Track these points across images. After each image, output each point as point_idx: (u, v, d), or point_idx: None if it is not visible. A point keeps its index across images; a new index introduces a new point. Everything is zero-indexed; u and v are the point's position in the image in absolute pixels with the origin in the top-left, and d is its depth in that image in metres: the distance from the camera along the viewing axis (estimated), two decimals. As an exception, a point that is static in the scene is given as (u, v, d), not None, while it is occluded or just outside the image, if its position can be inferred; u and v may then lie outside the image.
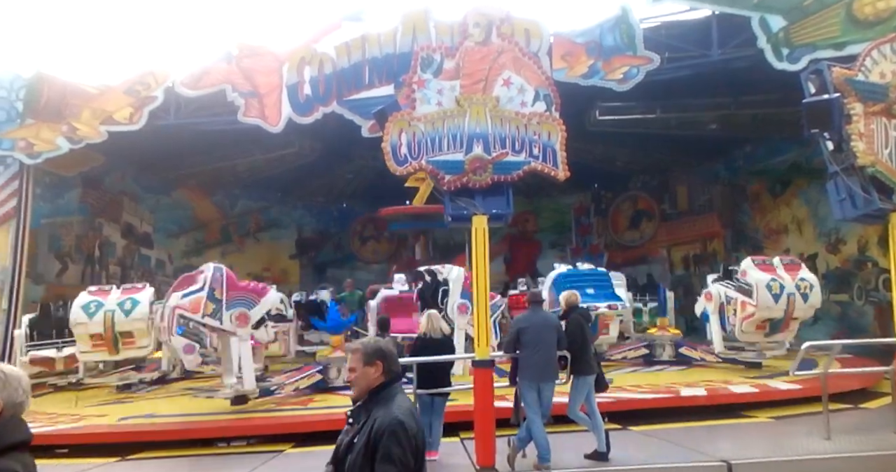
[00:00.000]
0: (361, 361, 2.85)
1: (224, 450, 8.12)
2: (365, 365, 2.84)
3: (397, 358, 2.99)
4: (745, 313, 11.01)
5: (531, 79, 7.18)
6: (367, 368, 2.84)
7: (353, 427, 2.82)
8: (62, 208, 15.53)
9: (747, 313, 10.97)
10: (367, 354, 2.86)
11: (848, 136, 7.17)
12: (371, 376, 2.83)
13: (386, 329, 7.72)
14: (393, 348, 2.99)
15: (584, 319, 7.15)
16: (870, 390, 9.90)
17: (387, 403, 2.77)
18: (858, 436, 7.29)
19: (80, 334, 10.64)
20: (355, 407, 2.89)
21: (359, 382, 2.86)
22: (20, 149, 13.47)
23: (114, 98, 13.55)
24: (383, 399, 2.80)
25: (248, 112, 13.05)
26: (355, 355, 2.89)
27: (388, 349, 2.93)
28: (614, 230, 23.16)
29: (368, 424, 2.71)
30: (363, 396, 2.85)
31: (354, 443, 2.73)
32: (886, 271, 12.68)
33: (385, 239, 25.16)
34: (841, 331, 14.06)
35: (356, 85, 12.85)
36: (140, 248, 18.68)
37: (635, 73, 12.02)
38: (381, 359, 2.86)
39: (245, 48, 13.31)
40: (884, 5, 10.75)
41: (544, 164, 7.03)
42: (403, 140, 6.88)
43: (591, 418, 6.75)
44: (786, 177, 16.49)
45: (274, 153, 17.55)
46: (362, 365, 2.85)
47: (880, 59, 7.51)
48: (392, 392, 2.84)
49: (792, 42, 11.32)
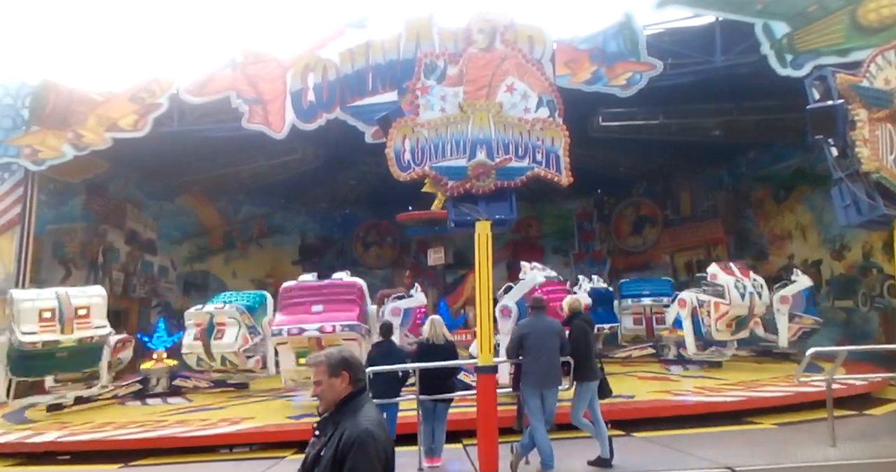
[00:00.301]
0: (326, 373, 2.78)
1: (226, 457, 8.11)
2: (331, 377, 2.78)
3: (363, 367, 2.95)
4: (719, 312, 12.04)
5: (534, 85, 7.19)
6: (333, 379, 2.78)
7: (320, 440, 2.76)
8: (66, 215, 15.58)
9: (721, 312, 12.02)
10: (332, 365, 2.80)
11: (852, 142, 7.17)
12: (338, 387, 2.78)
13: (389, 335, 7.69)
14: (358, 358, 2.93)
15: (587, 324, 7.13)
16: (875, 396, 9.85)
17: (354, 414, 2.72)
18: (863, 443, 7.24)
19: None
20: (322, 419, 2.83)
21: (325, 394, 2.79)
22: (25, 156, 13.55)
23: (119, 105, 13.63)
24: (351, 410, 2.74)
25: (252, 119, 13.11)
26: (319, 367, 2.82)
27: (353, 359, 2.87)
28: (617, 236, 23.13)
29: (336, 436, 2.66)
30: (331, 408, 2.79)
31: (322, 456, 2.67)
32: (891, 277, 12.69)
33: (388, 245, 25.19)
34: (846, 337, 14.00)
35: (360, 91, 12.89)
36: (143, 254, 18.72)
37: (638, 79, 12.04)
38: (346, 369, 2.80)
39: (249, 55, 13.38)
40: (888, 12, 10.76)
41: (547, 169, 7.03)
42: (407, 146, 6.89)
43: (595, 424, 6.71)
44: (789, 183, 16.46)
45: (277, 159, 17.61)
46: (328, 377, 2.78)
47: (885, 65, 7.51)
48: (360, 403, 2.79)
49: (796, 48, 11.33)
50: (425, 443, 6.83)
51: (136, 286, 18.34)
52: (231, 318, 11.58)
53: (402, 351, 7.56)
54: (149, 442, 8.37)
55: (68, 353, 10.63)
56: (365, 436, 2.59)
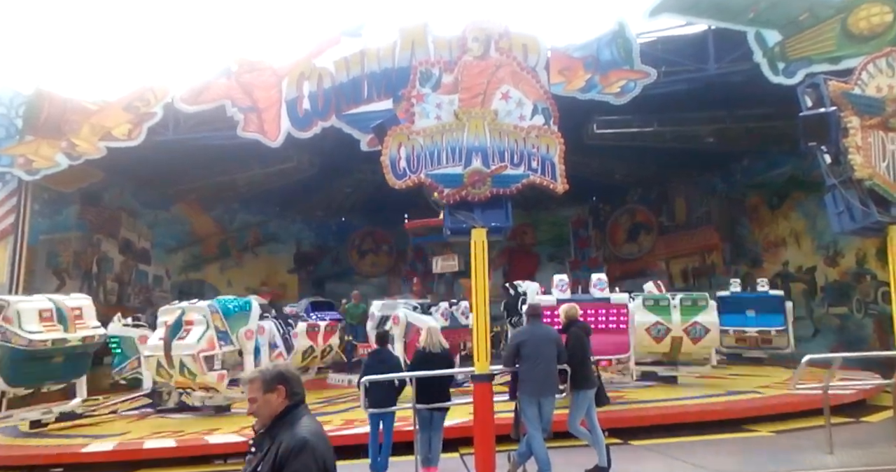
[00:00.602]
0: (261, 389, 2.73)
1: (221, 468, 8.04)
2: (266, 392, 2.73)
3: (300, 380, 2.89)
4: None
5: (529, 92, 7.22)
6: (269, 395, 2.73)
7: (257, 456, 2.68)
8: (60, 224, 15.50)
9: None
10: (267, 381, 2.75)
11: (845, 149, 7.22)
12: (274, 402, 2.73)
13: (385, 343, 7.66)
14: (295, 371, 2.89)
15: (583, 332, 7.12)
16: (870, 403, 9.86)
17: (292, 425, 2.67)
18: (861, 450, 7.24)
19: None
20: (258, 435, 2.77)
21: (261, 411, 2.74)
22: (19, 165, 13.49)
23: (113, 114, 13.60)
24: (288, 423, 2.69)
25: (247, 127, 13.10)
26: (254, 384, 2.76)
27: (289, 373, 2.83)
28: (612, 243, 23.17)
29: (273, 449, 2.59)
30: (267, 424, 2.73)
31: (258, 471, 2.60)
32: (885, 283, 12.69)
33: (384, 253, 25.16)
34: (840, 344, 14.02)
35: (355, 99, 12.91)
36: (138, 264, 18.62)
37: (632, 87, 12.10)
38: (282, 383, 2.75)
39: (244, 63, 13.39)
40: (878, 20, 10.86)
41: (543, 177, 7.05)
42: (402, 154, 6.89)
43: (592, 432, 6.69)
44: (783, 190, 16.53)
45: (273, 168, 17.58)
46: (262, 393, 2.73)
47: (876, 73, 7.57)
48: (297, 415, 2.74)
49: (788, 56, 11.42)
50: (422, 452, 6.80)
51: (131, 296, 18.23)
52: (201, 316, 10.20)
53: (397, 359, 7.53)
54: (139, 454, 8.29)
55: (65, 358, 10.28)
56: (303, 444, 2.55)
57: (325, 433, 2.77)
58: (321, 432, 2.74)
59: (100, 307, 16.72)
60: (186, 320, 10.21)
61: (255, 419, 2.80)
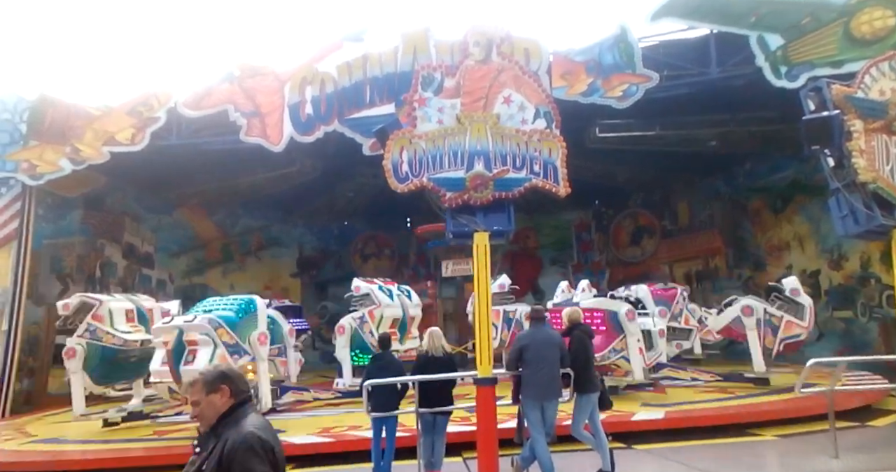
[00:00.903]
0: (204, 391, 2.66)
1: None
2: (209, 394, 2.66)
3: (245, 379, 2.83)
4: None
5: (531, 96, 7.22)
6: (212, 396, 2.66)
7: (201, 456, 2.60)
8: (64, 229, 15.55)
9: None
10: (209, 382, 2.67)
11: (849, 152, 7.21)
12: (218, 403, 2.65)
13: (387, 347, 7.65)
14: (237, 370, 2.83)
15: (586, 336, 7.10)
16: (875, 407, 9.81)
17: (238, 422, 2.60)
18: (866, 454, 7.19)
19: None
20: (202, 435, 2.69)
21: (206, 413, 2.66)
22: (23, 170, 13.56)
23: (116, 119, 13.66)
24: (233, 421, 2.62)
25: (249, 132, 13.15)
26: (195, 387, 2.69)
27: (232, 372, 2.77)
28: (615, 247, 23.15)
29: (218, 447, 2.52)
30: (212, 425, 2.65)
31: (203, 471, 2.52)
32: (890, 287, 12.68)
33: (386, 257, 25.16)
34: (845, 348, 13.96)
35: (357, 104, 12.95)
36: (141, 268, 18.66)
37: (634, 90, 12.12)
38: (225, 383, 2.68)
39: (247, 68, 13.44)
40: (881, 24, 10.86)
41: (545, 180, 7.04)
42: (404, 158, 6.90)
43: (596, 436, 6.66)
44: (787, 193, 16.51)
45: (275, 172, 17.62)
46: (206, 394, 2.66)
47: (879, 76, 7.57)
48: (243, 412, 2.66)
49: (790, 60, 11.43)
50: (425, 456, 6.78)
51: (134, 300, 18.27)
52: (203, 335, 9.07)
53: (400, 364, 7.52)
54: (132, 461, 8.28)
55: (139, 358, 10.27)
56: (251, 439, 2.48)
57: (272, 428, 2.70)
58: (268, 426, 2.68)
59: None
60: (188, 339, 9.08)
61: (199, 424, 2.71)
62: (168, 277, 19.76)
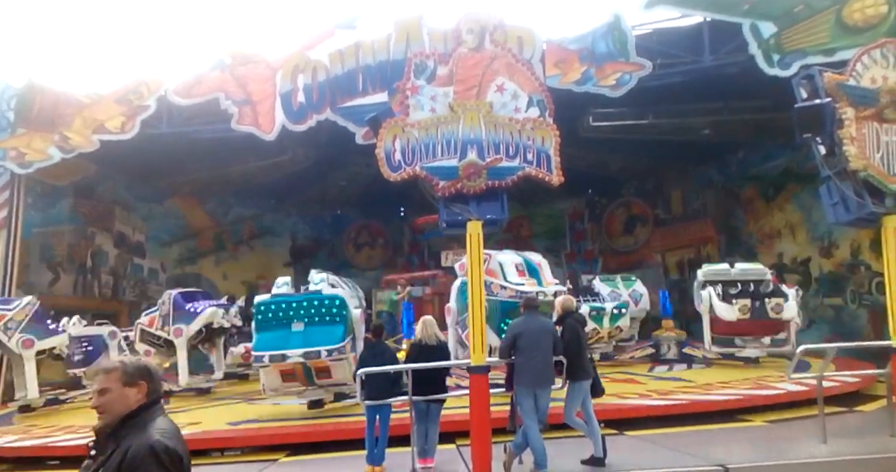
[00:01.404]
0: (120, 381, 2.40)
1: (218, 460, 8.05)
2: (124, 386, 2.40)
3: (161, 379, 2.61)
4: None
5: (525, 85, 7.19)
6: (127, 389, 2.40)
7: (97, 461, 2.33)
8: (54, 218, 15.45)
9: None
10: (129, 373, 2.42)
11: (840, 140, 7.21)
12: (131, 398, 2.40)
13: (380, 335, 7.67)
14: (158, 369, 2.62)
15: (579, 324, 7.13)
16: (864, 392, 9.93)
17: (144, 427, 2.34)
18: (855, 439, 7.29)
19: None
20: (100, 437, 2.40)
21: (113, 406, 2.38)
22: (11, 158, 13.42)
23: (106, 107, 13.53)
24: (140, 424, 2.35)
25: (241, 120, 13.05)
26: (111, 374, 2.41)
27: (154, 369, 2.54)
28: (608, 236, 23.22)
29: (117, 454, 2.25)
30: (115, 423, 2.37)
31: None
32: (879, 274, 12.78)
33: (380, 246, 25.17)
34: (835, 334, 14.11)
35: (350, 92, 12.87)
36: (133, 257, 18.59)
37: (628, 79, 12.10)
38: (145, 379, 2.45)
39: (238, 56, 13.32)
40: (873, 11, 10.87)
41: (538, 169, 7.02)
42: (397, 146, 6.86)
43: (588, 423, 6.71)
44: (779, 182, 16.59)
45: (267, 161, 17.54)
46: (121, 386, 2.39)
47: (871, 64, 7.56)
48: (152, 415, 2.42)
49: (783, 48, 11.42)
50: (418, 444, 6.81)
51: (126, 289, 18.22)
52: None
53: (393, 352, 7.53)
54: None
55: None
56: (156, 447, 2.24)
57: (180, 434, 2.48)
58: (176, 432, 2.44)
59: (96, 301, 16.82)
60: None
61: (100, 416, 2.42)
62: (160, 266, 19.71)
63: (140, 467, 2.20)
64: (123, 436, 2.32)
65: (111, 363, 2.50)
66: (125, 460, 2.21)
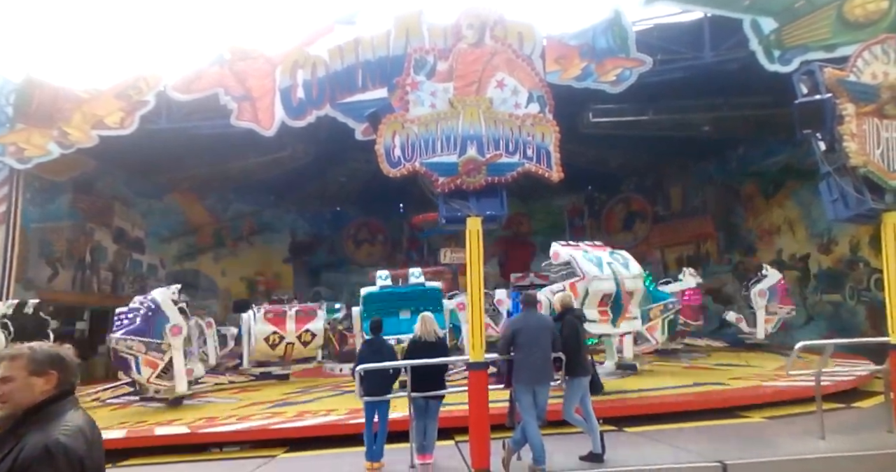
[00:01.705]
0: (26, 369, 2.18)
1: (217, 456, 8.05)
2: (31, 375, 2.18)
3: (77, 370, 2.36)
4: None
5: (525, 80, 7.16)
6: (35, 378, 2.18)
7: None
8: (53, 213, 15.43)
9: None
10: (38, 360, 2.20)
11: (840, 136, 7.19)
12: (37, 389, 2.17)
13: (379, 332, 7.66)
14: (74, 358, 2.36)
15: (578, 320, 7.13)
16: (862, 389, 9.94)
17: (49, 422, 2.12)
18: (853, 435, 7.30)
19: None
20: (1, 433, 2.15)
21: (17, 395, 2.14)
22: (10, 154, 13.40)
23: (105, 102, 13.50)
24: (45, 418, 2.13)
25: (240, 116, 13.02)
26: (16, 362, 2.19)
27: (68, 357, 2.30)
28: (608, 232, 23.20)
29: (13, 454, 2.02)
30: (17, 415, 2.14)
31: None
32: (878, 270, 12.82)
33: (379, 242, 25.16)
34: (833, 331, 14.13)
35: (349, 88, 12.84)
36: (132, 253, 18.58)
37: (628, 75, 12.06)
38: (56, 368, 2.22)
39: (238, 52, 13.29)
40: (874, 7, 10.84)
41: (538, 165, 7.01)
42: (397, 142, 6.83)
43: (587, 420, 6.72)
44: (779, 178, 16.58)
45: (267, 157, 17.52)
46: (27, 374, 2.17)
47: (871, 60, 7.53)
48: (60, 409, 2.18)
49: (783, 44, 11.39)
50: (417, 440, 6.82)
51: (125, 285, 18.21)
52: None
53: (392, 348, 7.53)
54: (135, 442, 8.28)
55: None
56: (53, 448, 2.00)
57: (93, 430, 2.25)
58: (86, 429, 2.19)
59: (95, 296, 16.80)
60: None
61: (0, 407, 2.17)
62: (159, 262, 19.70)
63: (30, 468, 1.98)
64: (24, 433, 2.09)
65: (17, 350, 2.26)
66: (18, 459, 2.00)
